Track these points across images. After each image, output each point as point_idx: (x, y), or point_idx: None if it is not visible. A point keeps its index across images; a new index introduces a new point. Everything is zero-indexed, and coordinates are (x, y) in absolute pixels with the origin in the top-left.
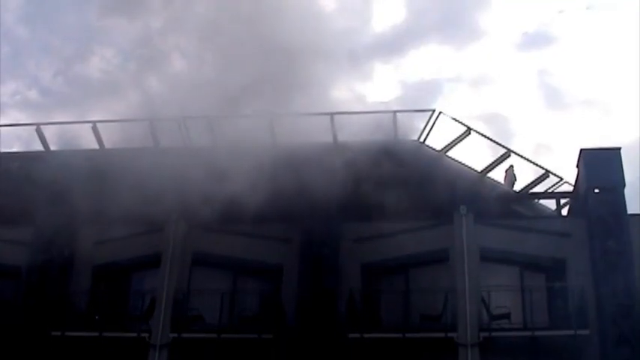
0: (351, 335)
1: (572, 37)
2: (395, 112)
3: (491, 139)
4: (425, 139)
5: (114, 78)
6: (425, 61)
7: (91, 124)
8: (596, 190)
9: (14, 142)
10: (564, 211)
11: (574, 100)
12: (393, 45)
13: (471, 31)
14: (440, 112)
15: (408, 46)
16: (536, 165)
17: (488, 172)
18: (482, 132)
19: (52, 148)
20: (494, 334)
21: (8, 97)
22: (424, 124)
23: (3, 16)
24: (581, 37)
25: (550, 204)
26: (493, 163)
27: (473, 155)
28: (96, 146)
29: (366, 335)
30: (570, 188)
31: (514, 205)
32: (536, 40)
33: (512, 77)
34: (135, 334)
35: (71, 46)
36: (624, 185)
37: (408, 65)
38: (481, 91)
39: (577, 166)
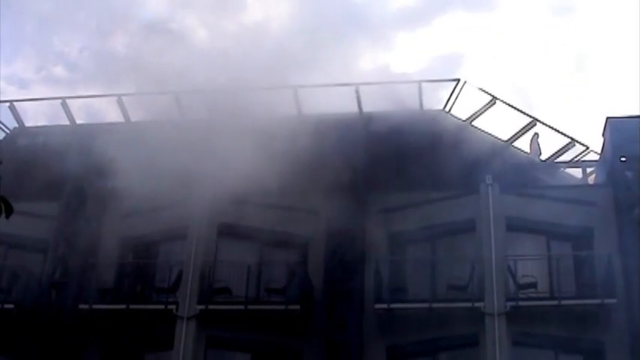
0: (378, 306)
1: (597, 6)
2: (420, 82)
3: (516, 108)
4: (450, 109)
5: (138, 52)
6: (449, 32)
7: (116, 98)
8: (623, 158)
9: (40, 117)
10: (590, 180)
11: (599, 69)
12: (417, 15)
13: (495, 0)
14: (465, 82)
15: (432, 16)
16: (562, 134)
17: (513, 141)
18: (507, 101)
19: (78, 122)
20: (521, 303)
21: (33, 73)
22: (449, 94)
23: None
24: (606, 6)
25: (576, 173)
26: (519, 132)
27: (498, 125)
28: (121, 119)
29: (393, 306)
30: (596, 157)
31: (540, 174)
32: (561, 9)
33: (536, 47)
34: (162, 307)
35: (96, 21)
36: None
37: (433, 36)
38: (506, 62)
39: (603, 135)
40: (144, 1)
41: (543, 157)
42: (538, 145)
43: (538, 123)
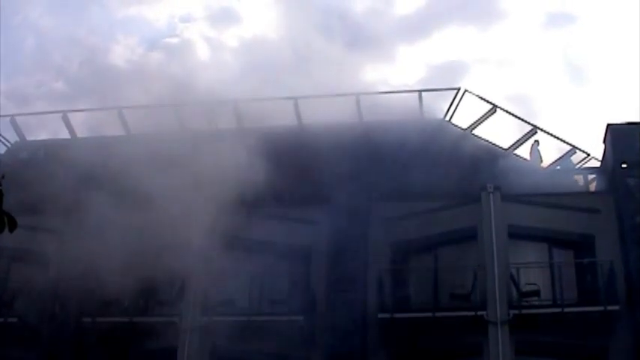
0: (380, 315)
1: (594, 15)
2: (420, 91)
3: (516, 116)
4: (450, 118)
5: (138, 66)
6: (449, 43)
7: (116, 111)
8: (624, 165)
9: (41, 131)
10: (592, 187)
11: (599, 78)
12: (416, 27)
13: (494, 11)
14: (465, 91)
15: (431, 27)
16: (563, 141)
17: (514, 149)
18: (507, 109)
19: (79, 135)
20: (524, 311)
21: (34, 89)
22: (449, 103)
23: (28, 9)
24: (603, 15)
25: (577, 180)
26: (519, 140)
27: (499, 133)
28: (123, 132)
29: (396, 315)
30: (597, 164)
31: (541, 182)
32: (559, 19)
33: (536, 57)
34: (165, 319)
35: (95, 36)
36: None
37: (432, 47)
38: (505, 72)
39: (604, 142)
40: (144, 15)
41: (544, 164)
42: (539, 152)
43: (539, 130)
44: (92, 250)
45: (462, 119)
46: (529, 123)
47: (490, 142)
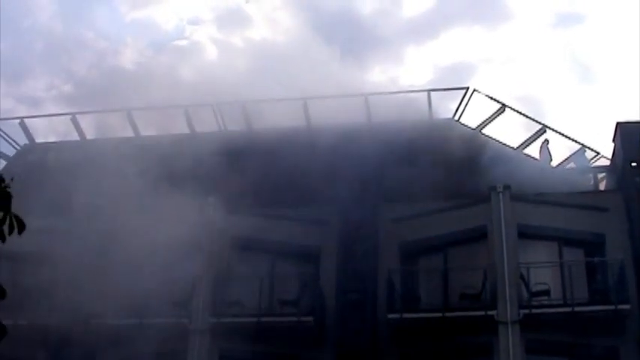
0: (390, 316)
1: (602, 14)
2: (429, 91)
3: (525, 115)
4: (459, 118)
5: (147, 68)
6: (457, 44)
7: (126, 113)
8: (633, 164)
9: (50, 134)
10: (602, 186)
11: (607, 76)
12: (424, 28)
13: (501, 11)
14: (474, 90)
15: (439, 28)
16: (572, 140)
17: (524, 148)
18: (516, 109)
19: (88, 137)
20: (534, 310)
21: (43, 92)
22: (458, 103)
23: (37, 12)
24: (611, 14)
25: (587, 179)
26: (529, 139)
27: (508, 132)
28: (132, 134)
29: (406, 315)
30: (607, 162)
31: (551, 181)
32: (566, 19)
33: (544, 56)
34: (175, 320)
35: (105, 39)
36: None
37: (441, 48)
38: (513, 72)
39: (613, 140)
40: (153, 18)
41: (554, 163)
42: (548, 151)
43: (548, 129)
44: (101, 252)
45: (471, 119)
46: (538, 122)
47: (499, 142)
